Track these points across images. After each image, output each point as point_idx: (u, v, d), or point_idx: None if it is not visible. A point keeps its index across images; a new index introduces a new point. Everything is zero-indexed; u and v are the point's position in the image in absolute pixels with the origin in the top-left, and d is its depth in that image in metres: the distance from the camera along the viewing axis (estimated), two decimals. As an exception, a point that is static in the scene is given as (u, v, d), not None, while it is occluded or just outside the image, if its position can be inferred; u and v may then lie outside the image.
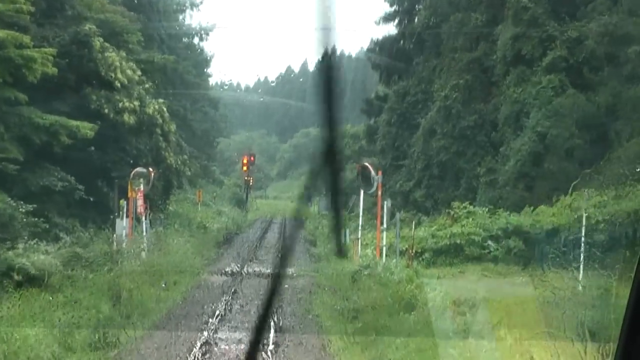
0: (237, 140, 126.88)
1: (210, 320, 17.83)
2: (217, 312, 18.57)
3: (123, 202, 26.73)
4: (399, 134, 41.67)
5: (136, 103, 32.69)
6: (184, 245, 32.88)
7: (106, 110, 31.69)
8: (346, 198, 62.11)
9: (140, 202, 25.69)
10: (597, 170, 30.08)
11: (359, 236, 29.30)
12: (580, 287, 16.29)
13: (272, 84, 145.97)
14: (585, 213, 23.72)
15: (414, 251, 27.40)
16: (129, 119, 32.19)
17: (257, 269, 27.43)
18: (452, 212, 31.64)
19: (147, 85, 34.56)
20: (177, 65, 43.91)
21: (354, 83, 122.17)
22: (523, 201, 33.68)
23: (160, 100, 35.60)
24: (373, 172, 27.85)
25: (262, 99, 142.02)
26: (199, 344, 14.94)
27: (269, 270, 27.12)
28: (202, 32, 76.54)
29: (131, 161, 33.14)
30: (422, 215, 38.93)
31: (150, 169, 27.57)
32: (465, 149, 38.71)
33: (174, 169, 37.56)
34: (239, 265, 28.80)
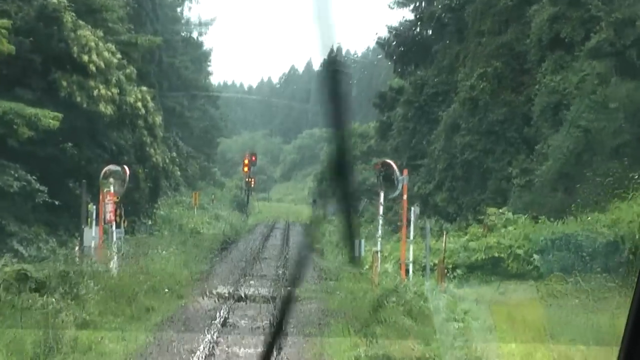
0: (239, 141, 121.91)
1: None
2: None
3: (92, 207, 21.60)
4: (416, 129, 36.51)
5: (114, 90, 27.56)
6: (171, 256, 27.73)
7: (78, 99, 26.60)
8: (356, 202, 56.26)
9: (110, 206, 20.56)
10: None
11: (379, 248, 24.05)
12: None
13: (276, 83, 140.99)
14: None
15: (444, 267, 22.18)
16: (105, 108, 27.07)
17: (254, 290, 22.21)
18: (486, 220, 26.43)
19: (127, 71, 29.39)
20: (162, 44, 38.13)
21: (361, 80, 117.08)
22: (563, 206, 28.47)
23: (144, 88, 30.46)
24: (397, 172, 22.61)
25: (265, 99, 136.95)
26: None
27: (268, 291, 21.93)
28: (201, 25, 71.59)
29: (110, 159, 28.03)
30: (444, 221, 33.77)
31: (125, 167, 22.41)
32: (494, 146, 33.52)
33: (162, 168, 32.39)
34: (233, 284, 23.63)
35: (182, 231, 36.14)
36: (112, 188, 20.89)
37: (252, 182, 68.52)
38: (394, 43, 39.67)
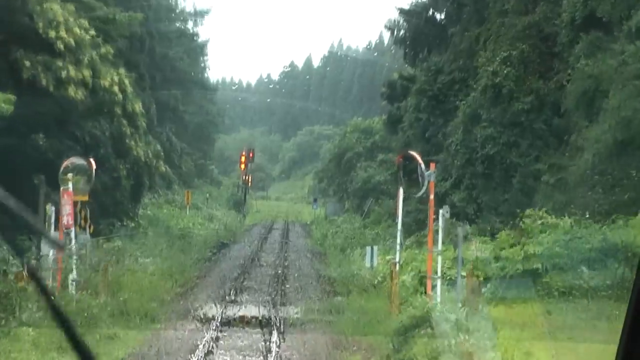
0: (237, 138, 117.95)
1: None
2: None
3: (50, 209, 17.51)
4: (430, 121, 32.40)
5: (86, 72, 23.42)
6: (151, 265, 23.67)
7: (44, 81, 22.47)
8: (359, 201, 52.81)
9: (68, 208, 16.45)
10: None
11: (397, 259, 19.91)
12: None
13: (275, 79, 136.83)
14: None
15: (477, 281, 18.00)
16: (75, 93, 22.93)
17: (246, 310, 18.11)
18: (521, 224, 22.27)
19: (103, 50, 25.22)
20: (144, 21, 33.68)
21: (362, 75, 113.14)
22: (603, 207, 24.42)
23: (121, 71, 26.26)
24: (422, 166, 18.47)
25: (263, 95, 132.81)
26: None
27: (264, 311, 17.81)
28: (197, 15, 67.33)
29: (84, 151, 23.89)
30: (462, 224, 29.60)
31: (92, 160, 18.30)
32: (519, 139, 29.42)
33: (144, 163, 28.20)
34: (221, 301, 19.54)
35: (169, 234, 32.03)
36: (72, 186, 16.77)
37: (250, 180, 64.37)
38: (405, 27, 35.56)
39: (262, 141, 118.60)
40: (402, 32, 36.14)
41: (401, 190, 19.34)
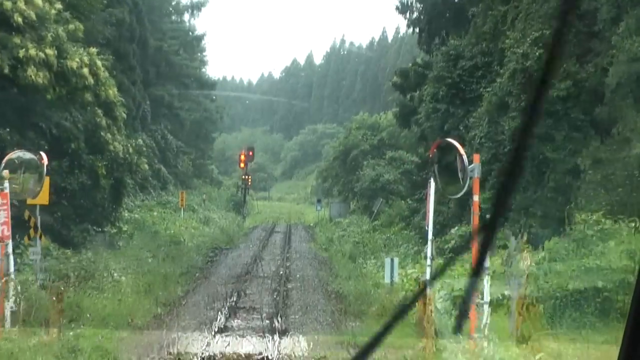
0: (238, 137, 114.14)
1: None
2: None
3: (-12, 216, 13.47)
4: (449, 112, 28.29)
5: (50, 52, 19.37)
6: (128, 281, 19.62)
7: (-3, 61, 18.45)
8: (367, 202, 48.52)
9: (2, 215, 12.42)
10: None
11: (428, 275, 15.75)
12: None
13: (276, 77, 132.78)
14: None
15: (534, 306, 13.89)
16: (36, 75, 18.89)
17: (239, 344, 14.05)
18: (569, 229, 18.20)
19: (71, 26, 21.12)
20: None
21: (365, 72, 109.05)
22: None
23: (92, 50, 22.07)
24: (464, 159, 14.28)
25: (265, 94, 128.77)
26: None
27: (260, 347, 13.73)
28: (193, 8, 63.24)
29: (46, 146, 19.85)
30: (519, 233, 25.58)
31: (42, 154, 14.24)
32: (554, 131, 25.28)
33: (123, 159, 24.08)
34: (209, 326, 15.50)
35: (157, 240, 27.99)
36: (6, 185, 12.71)
37: (249, 180, 60.34)
38: (419, 8, 31.45)
39: (264, 140, 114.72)
40: (415, 14, 32.07)
41: (432, 186, 15.14)
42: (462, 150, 14.12)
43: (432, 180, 15.16)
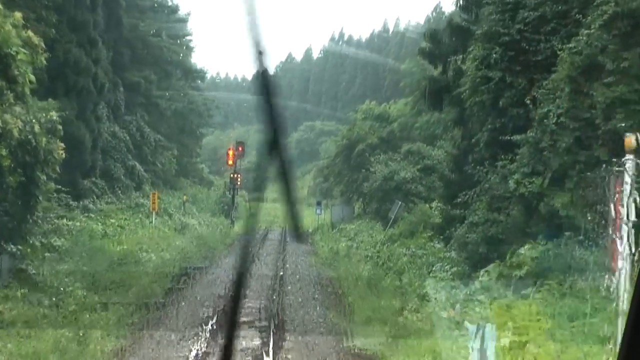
0: (232, 135, 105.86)
1: None
2: None
3: None
4: (505, 82, 19.66)
5: None
6: (21, 340, 11.06)
7: None
8: (378, 205, 39.59)
9: None
10: None
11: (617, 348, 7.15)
12: None
13: (271, 73, 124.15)
14: None
15: None
16: None
17: None
18: None
19: None
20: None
21: (366, 67, 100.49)
22: None
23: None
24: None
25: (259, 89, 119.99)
26: None
27: None
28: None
29: None
30: (574, 240, 17.20)
31: None
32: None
33: (35, 147, 15.39)
34: None
35: (101, 260, 19.40)
36: None
37: (239, 178, 51.81)
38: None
39: (258, 138, 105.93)
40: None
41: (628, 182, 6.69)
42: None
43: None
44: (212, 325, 15.10)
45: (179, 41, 56.72)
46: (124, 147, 43.40)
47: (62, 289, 16.51)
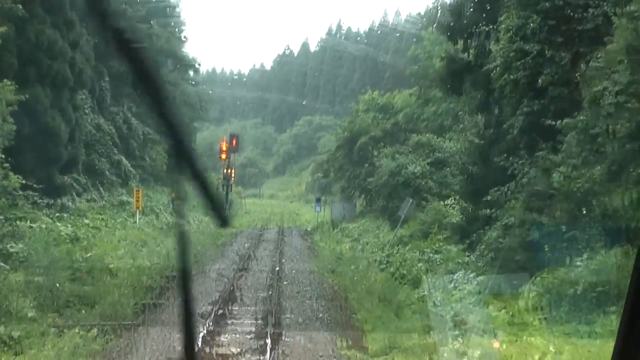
0: (228, 130, 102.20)
1: None
2: None
3: None
4: (545, 56, 16.23)
5: None
6: None
7: None
8: (385, 202, 36.02)
9: None
10: None
11: None
12: None
13: (268, 67, 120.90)
14: None
15: None
16: None
17: None
18: None
19: None
20: None
21: (365, 60, 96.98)
22: None
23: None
24: None
25: (256, 84, 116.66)
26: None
27: None
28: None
29: None
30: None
31: None
32: None
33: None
34: None
35: (55, 271, 16.01)
36: None
37: (233, 173, 48.46)
38: None
39: (255, 133, 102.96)
40: None
41: None
42: None
43: None
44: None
45: (170, 30, 53.30)
46: (109, 141, 39.97)
47: (6, 307, 13.18)
